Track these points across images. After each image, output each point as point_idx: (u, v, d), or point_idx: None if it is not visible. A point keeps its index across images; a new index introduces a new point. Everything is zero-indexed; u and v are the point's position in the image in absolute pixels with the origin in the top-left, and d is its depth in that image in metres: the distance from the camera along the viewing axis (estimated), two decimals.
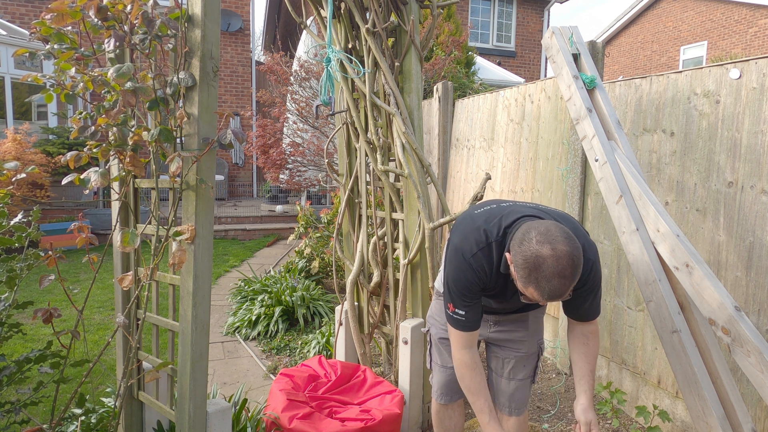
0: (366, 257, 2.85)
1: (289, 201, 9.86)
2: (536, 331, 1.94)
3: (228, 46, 11.33)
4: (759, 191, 2.19)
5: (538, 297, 1.41)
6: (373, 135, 2.73)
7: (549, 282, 1.36)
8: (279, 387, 2.41)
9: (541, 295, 1.39)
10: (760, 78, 2.20)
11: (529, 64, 13.27)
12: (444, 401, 2.04)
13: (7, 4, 9.49)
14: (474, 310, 1.66)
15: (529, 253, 1.38)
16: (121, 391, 1.79)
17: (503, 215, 1.59)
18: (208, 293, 1.73)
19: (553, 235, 1.38)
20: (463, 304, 1.65)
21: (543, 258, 1.36)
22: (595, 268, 1.59)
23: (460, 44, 7.69)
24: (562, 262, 1.35)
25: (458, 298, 1.65)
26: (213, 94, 1.67)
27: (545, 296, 1.39)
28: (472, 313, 1.66)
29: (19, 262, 1.76)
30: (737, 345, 1.73)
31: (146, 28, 1.53)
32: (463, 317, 1.66)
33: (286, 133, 7.16)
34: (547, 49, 2.76)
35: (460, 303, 1.65)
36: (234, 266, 6.14)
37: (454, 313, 1.67)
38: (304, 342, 3.70)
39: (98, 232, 6.87)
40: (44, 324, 1.98)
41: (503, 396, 1.96)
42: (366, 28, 2.56)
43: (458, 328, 1.70)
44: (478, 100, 4.54)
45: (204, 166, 1.66)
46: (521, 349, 1.92)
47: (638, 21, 15.79)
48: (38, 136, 7.30)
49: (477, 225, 1.62)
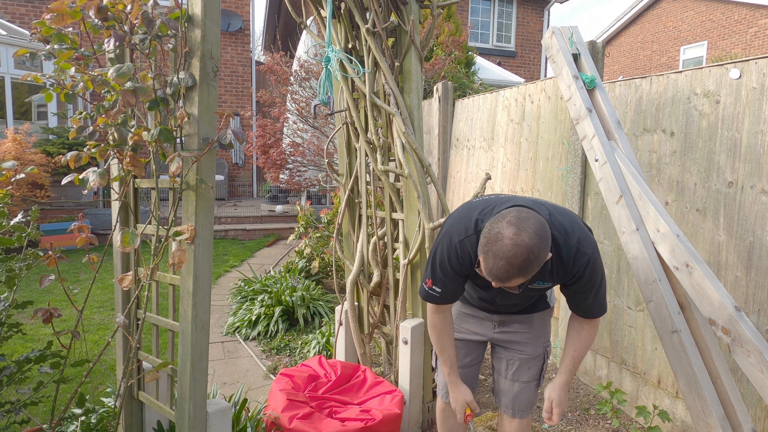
0: (366, 257, 2.85)
1: (289, 201, 9.86)
2: (542, 333, 1.92)
3: (228, 46, 11.33)
4: (759, 191, 2.19)
5: (485, 271, 1.42)
6: (373, 135, 2.73)
7: (495, 260, 1.37)
8: (279, 387, 2.41)
9: (486, 269, 1.40)
10: (760, 78, 2.20)
11: (529, 64, 13.27)
12: (442, 396, 2.04)
13: (7, 4, 9.49)
14: (449, 290, 1.72)
15: (494, 228, 1.40)
16: (121, 391, 1.78)
17: (498, 204, 1.59)
18: (208, 293, 1.73)
19: (525, 225, 1.38)
20: (442, 283, 1.70)
21: (503, 236, 1.37)
22: (593, 263, 1.58)
23: (460, 44, 7.69)
24: (518, 250, 1.34)
25: (438, 277, 1.69)
26: (213, 94, 1.67)
27: (488, 272, 1.40)
28: (447, 292, 1.72)
29: (19, 261, 1.76)
30: (737, 345, 1.73)
31: (146, 28, 1.53)
32: (438, 294, 1.73)
33: (286, 133, 7.16)
34: (547, 49, 2.76)
35: (439, 282, 1.70)
36: (234, 266, 6.14)
37: (430, 288, 1.72)
38: (304, 342, 3.70)
39: (98, 232, 6.86)
40: (44, 324, 1.98)
41: (506, 398, 1.93)
42: (366, 28, 2.56)
43: (430, 302, 1.79)
44: (478, 100, 4.54)
45: (204, 166, 1.66)
46: (526, 350, 1.90)
47: (638, 21, 15.79)
48: (38, 136, 7.30)
49: (471, 212, 1.63)
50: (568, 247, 1.55)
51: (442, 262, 1.66)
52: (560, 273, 1.60)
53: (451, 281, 1.69)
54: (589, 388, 3.16)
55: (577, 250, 1.55)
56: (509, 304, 1.84)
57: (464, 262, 1.62)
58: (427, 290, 1.74)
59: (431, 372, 2.65)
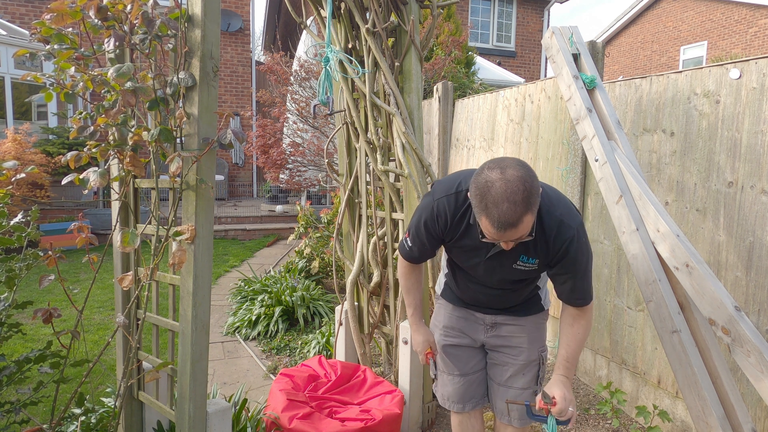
0: (366, 257, 2.85)
1: (289, 201, 9.86)
2: (537, 338, 1.85)
3: (228, 46, 11.33)
4: (759, 191, 2.19)
5: (491, 229, 1.37)
6: (373, 135, 2.73)
7: (498, 207, 1.32)
8: (279, 387, 2.41)
9: (493, 223, 1.35)
10: (760, 78, 2.20)
11: (529, 64, 13.27)
12: (457, 409, 1.93)
13: (7, 4, 9.49)
14: (421, 248, 1.76)
15: (480, 180, 1.37)
16: (121, 391, 1.78)
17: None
18: (208, 293, 1.73)
19: (504, 162, 1.36)
20: (415, 238, 1.74)
21: (492, 182, 1.34)
22: (579, 241, 1.54)
23: (460, 44, 7.69)
24: (512, 186, 1.32)
25: (414, 231, 1.73)
26: (213, 94, 1.67)
27: (496, 224, 1.34)
28: (418, 249, 1.76)
29: (19, 261, 1.76)
30: (737, 345, 1.73)
31: (146, 28, 1.53)
32: (409, 248, 1.79)
33: (286, 133, 7.16)
34: (547, 49, 2.76)
35: (414, 236, 1.74)
36: (234, 266, 6.14)
37: (405, 240, 1.79)
38: (304, 342, 3.69)
39: (98, 232, 6.86)
40: (44, 324, 1.98)
41: (502, 404, 1.86)
42: (366, 28, 2.56)
43: (402, 255, 1.84)
44: (478, 100, 4.54)
45: (204, 166, 1.66)
46: (520, 356, 1.83)
47: (638, 21, 15.80)
48: (38, 136, 7.30)
49: (458, 176, 1.65)
50: (551, 216, 1.53)
51: (419, 219, 1.69)
52: (543, 247, 1.55)
53: (424, 240, 1.71)
54: (589, 388, 3.16)
55: (561, 223, 1.52)
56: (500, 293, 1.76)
57: (439, 222, 1.63)
58: (403, 241, 1.81)
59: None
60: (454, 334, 1.91)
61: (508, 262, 1.63)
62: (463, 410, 1.93)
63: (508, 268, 1.64)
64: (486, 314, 1.86)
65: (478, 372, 1.92)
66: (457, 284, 1.87)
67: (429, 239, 1.71)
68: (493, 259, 1.63)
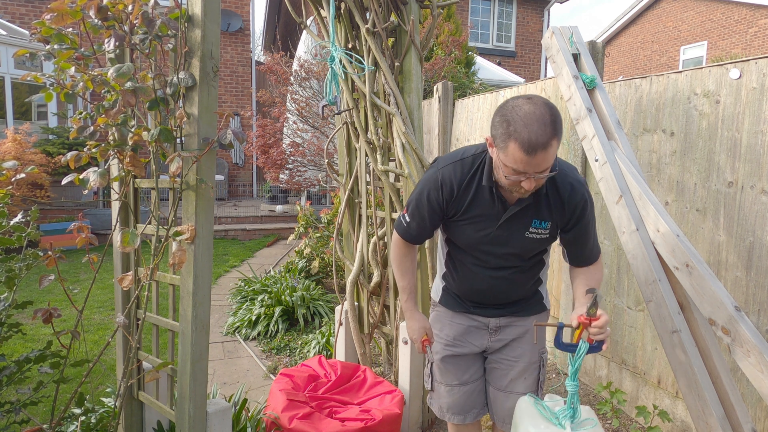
0: (366, 257, 2.85)
1: (289, 201, 9.86)
2: (539, 340, 1.81)
3: (228, 46, 11.33)
4: (759, 191, 2.19)
5: (520, 155, 1.32)
6: (373, 135, 2.73)
7: (528, 127, 1.30)
8: (279, 387, 2.41)
9: (523, 146, 1.31)
10: (760, 78, 2.20)
11: (529, 64, 13.27)
12: (458, 421, 1.85)
13: (7, 4, 9.49)
14: (420, 225, 1.67)
15: (506, 107, 1.36)
16: (121, 391, 1.78)
17: None
18: (208, 293, 1.73)
19: (529, 95, 1.37)
20: (415, 213, 1.66)
21: (519, 106, 1.34)
22: (589, 202, 1.58)
23: (460, 44, 7.69)
24: (540, 109, 1.32)
25: (414, 205, 1.66)
26: (213, 94, 1.67)
27: (526, 147, 1.30)
28: (417, 225, 1.68)
29: (18, 261, 1.76)
30: (737, 345, 1.73)
31: (146, 28, 1.53)
32: (406, 224, 1.70)
33: (286, 133, 7.16)
34: (547, 49, 2.76)
35: (413, 210, 1.66)
36: (234, 266, 6.14)
37: (402, 216, 1.71)
38: (304, 342, 3.69)
39: (98, 232, 6.86)
40: (44, 324, 1.98)
41: (502, 410, 1.79)
42: (366, 28, 2.56)
43: (399, 232, 1.74)
44: (478, 100, 4.54)
45: (204, 166, 1.66)
46: (522, 358, 1.77)
47: (638, 21, 15.79)
48: (38, 136, 7.30)
49: (462, 148, 1.64)
50: (563, 177, 1.54)
51: (421, 192, 1.62)
52: (558, 207, 1.55)
53: (424, 215, 1.63)
54: (589, 388, 3.16)
55: (573, 184, 1.54)
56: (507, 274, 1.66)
57: (443, 192, 1.57)
58: (400, 218, 1.72)
59: None
60: (456, 343, 1.81)
61: (521, 230, 1.57)
62: (464, 422, 1.85)
63: (520, 237, 1.58)
64: (490, 317, 1.78)
65: (477, 380, 1.85)
66: (458, 277, 1.75)
67: (430, 213, 1.63)
68: (505, 227, 1.57)
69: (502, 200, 1.56)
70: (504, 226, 1.57)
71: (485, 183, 1.54)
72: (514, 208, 1.55)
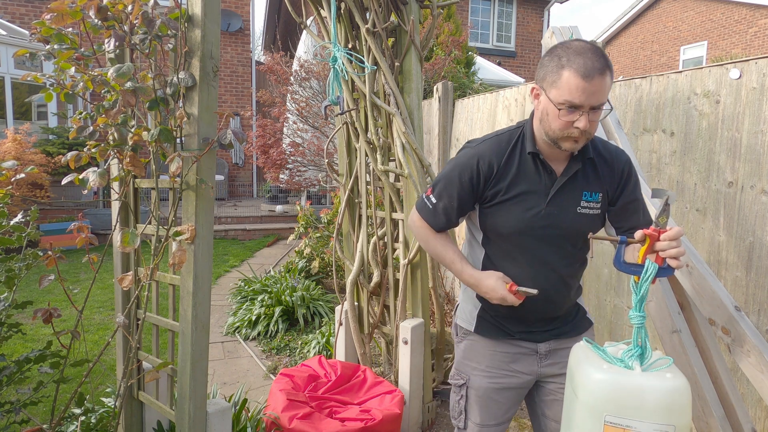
0: (366, 257, 2.85)
1: (289, 201, 9.86)
2: None
3: (228, 46, 11.33)
4: (759, 191, 2.19)
5: (576, 80, 1.26)
6: (373, 135, 2.73)
7: (582, 56, 1.26)
8: (279, 387, 2.41)
9: (578, 70, 1.25)
10: (760, 78, 2.20)
11: (529, 64, 13.27)
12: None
13: (7, 4, 9.49)
14: (447, 206, 1.50)
15: (554, 48, 1.32)
16: (121, 391, 1.79)
17: None
18: (208, 293, 1.73)
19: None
20: (443, 192, 1.49)
21: (568, 43, 1.32)
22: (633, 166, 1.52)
23: (460, 44, 7.69)
24: (591, 44, 1.30)
25: (443, 184, 1.50)
26: (213, 94, 1.67)
27: (582, 71, 1.25)
28: (443, 207, 1.50)
29: (18, 261, 1.76)
30: (737, 345, 1.73)
31: (146, 28, 1.53)
32: (432, 206, 1.52)
33: (286, 133, 7.16)
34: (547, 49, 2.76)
35: (441, 190, 1.50)
36: (234, 266, 6.14)
37: (426, 198, 1.54)
38: (304, 342, 3.70)
39: (98, 232, 6.86)
40: (44, 324, 1.98)
41: None
42: (366, 28, 2.56)
43: (420, 213, 1.57)
44: (478, 100, 4.54)
45: (204, 166, 1.66)
46: None
47: (638, 21, 15.79)
48: (38, 136, 7.30)
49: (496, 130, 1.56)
50: (601, 142, 1.50)
51: (454, 169, 1.48)
52: (606, 172, 1.46)
53: (453, 194, 1.47)
54: None
55: (613, 146, 1.50)
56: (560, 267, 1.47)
57: (481, 169, 1.43)
58: (423, 198, 1.55)
59: (431, 372, 2.65)
60: (502, 374, 1.57)
61: (572, 205, 1.45)
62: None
63: (572, 214, 1.44)
64: (539, 342, 1.55)
65: (504, 424, 1.64)
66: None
67: (461, 195, 1.47)
68: (556, 203, 1.44)
69: (549, 171, 1.45)
70: (554, 202, 1.44)
71: (529, 149, 1.43)
72: (562, 178, 1.44)
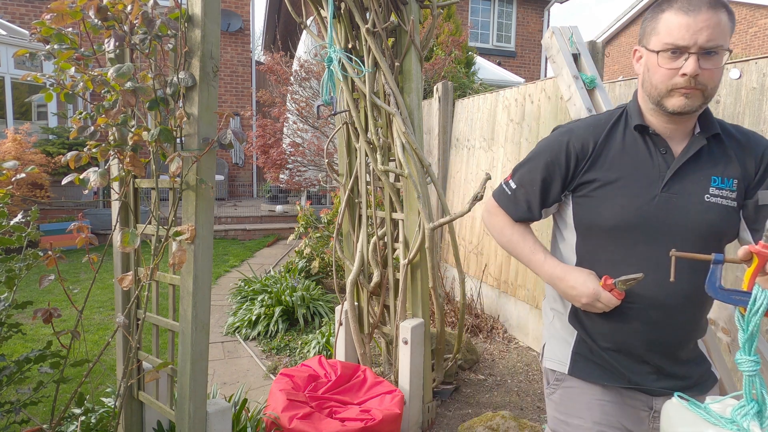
0: (366, 257, 2.85)
1: (289, 201, 9.86)
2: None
3: (228, 46, 11.33)
4: None
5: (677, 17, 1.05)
6: (373, 135, 2.73)
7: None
8: (279, 387, 2.41)
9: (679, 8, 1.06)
10: (760, 78, 2.20)
11: (529, 64, 13.27)
12: None
13: (7, 4, 9.49)
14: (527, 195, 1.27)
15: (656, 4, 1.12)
16: (121, 391, 1.78)
17: None
18: (208, 293, 1.73)
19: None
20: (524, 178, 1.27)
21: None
22: None
23: (460, 44, 7.69)
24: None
25: (525, 169, 1.28)
26: (213, 94, 1.67)
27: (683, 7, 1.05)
28: (524, 194, 1.27)
29: (19, 261, 1.76)
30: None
31: (146, 28, 1.53)
32: (511, 192, 1.30)
33: (286, 133, 7.17)
34: (547, 49, 2.76)
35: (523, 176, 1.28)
36: (234, 266, 6.14)
37: (506, 183, 1.32)
38: (304, 342, 3.70)
39: (98, 232, 6.86)
40: (44, 324, 1.98)
41: None
42: (366, 28, 2.56)
43: (501, 203, 1.33)
44: (478, 100, 4.53)
45: (204, 166, 1.66)
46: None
47: (638, 21, 15.79)
48: (38, 136, 7.30)
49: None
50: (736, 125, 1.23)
51: (539, 153, 1.26)
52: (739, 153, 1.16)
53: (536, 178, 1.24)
54: None
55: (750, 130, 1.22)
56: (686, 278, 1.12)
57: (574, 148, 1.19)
58: (501, 184, 1.34)
59: (431, 372, 2.65)
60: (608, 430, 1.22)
61: (698, 192, 1.14)
62: None
63: (698, 202, 1.13)
64: (655, 395, 1.21)
65: None
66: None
67: (546, 178, 1.23)
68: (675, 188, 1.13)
69: (664, 149, 1.16)
70: (672, 188, 1.14)
71: (636, 122, 1.17)
72: (682, 158, 1.14)
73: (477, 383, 3.22)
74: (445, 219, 2.46)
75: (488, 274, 4.25)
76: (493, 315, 4.19)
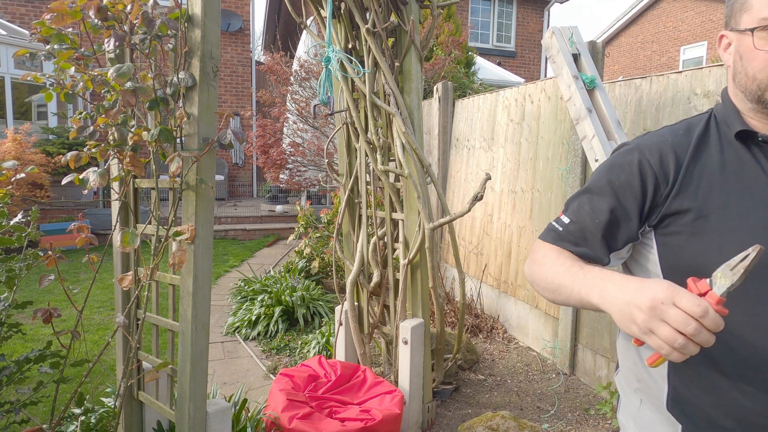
0: (366, 257, 2.85)
1: (289, 201, 9.86)
2: None
3: (228, 46, 11.33)
4: None
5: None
6: (373, 135, 2.73)
7: None
8: (279, 387, 2.41)
9: None
10: None
11: (529, 64, 13.27)
12: None
13: (7, 4, 9.49)
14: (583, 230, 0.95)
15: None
16: (121, 391, 1.79)
17: None
18: (208, 293, 1.73)
19: None
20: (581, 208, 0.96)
21: None
22: None
23: (460, 44, 7.69)
24: None
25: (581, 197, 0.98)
26: (213, 94, 1.67)
27: None
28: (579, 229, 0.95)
29: (19, 261, 1.76)
30: None
31: (146, 28, 1.53)
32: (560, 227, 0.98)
33: (286, 133, 7.17)
34: (547, 49, 2.76)
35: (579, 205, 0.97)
36: (234, 266, 6.14)
37: (557, 220, 1.00)
38: (304, 342, 3.70)
39: (98, 232, 6.86)
40: (44, 324, 1.98)
41: None
42: (366, 28, 2.56)
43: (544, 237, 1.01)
44: (478, 100, 4.53)
45: (204, 166, 1.66)
46: None
47: (638, 21, 15.79)
48: (38, 136, 7.30)
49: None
50: None
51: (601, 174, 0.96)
52: None
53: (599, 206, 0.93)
54: (590, 388, 3.16)
55: None
56: None
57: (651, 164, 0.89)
58: (551, 223, 1.01)
59: (431, 372, 2.65)
60: None
61: None
62: None
63: None
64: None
65: None
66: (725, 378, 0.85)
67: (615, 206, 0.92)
68: None
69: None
70: None
71: (738, 127, 0.88)
72: None
73: (477, 383, 3.22)
74: (445, 219, 2.46)
75: (488, 274, 4.25)
76: (493, 315, 4.19)
